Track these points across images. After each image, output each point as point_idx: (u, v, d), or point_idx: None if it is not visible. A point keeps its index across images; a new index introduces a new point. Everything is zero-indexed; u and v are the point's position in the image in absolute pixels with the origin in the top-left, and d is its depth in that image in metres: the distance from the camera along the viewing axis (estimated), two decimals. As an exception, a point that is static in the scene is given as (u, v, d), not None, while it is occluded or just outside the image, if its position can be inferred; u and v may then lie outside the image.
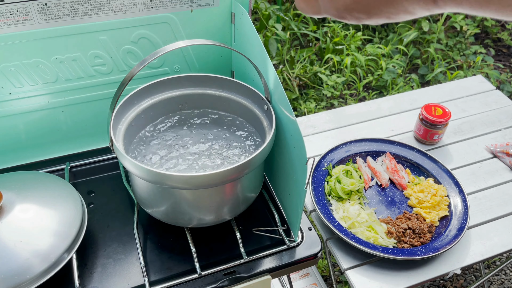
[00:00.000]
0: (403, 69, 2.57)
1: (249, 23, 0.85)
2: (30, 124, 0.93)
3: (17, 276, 0.68)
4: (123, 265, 0.80)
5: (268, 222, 0.88)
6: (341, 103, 2.38)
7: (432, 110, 1.32)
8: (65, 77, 0.89)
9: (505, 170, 1.28)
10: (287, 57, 2.51)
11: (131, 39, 0.90)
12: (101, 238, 0.84)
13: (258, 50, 0.82)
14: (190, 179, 0.69)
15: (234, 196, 0.80)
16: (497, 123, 1.44)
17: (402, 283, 1.01)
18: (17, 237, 0.71)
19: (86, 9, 0.83)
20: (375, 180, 1.23)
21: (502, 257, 1.73)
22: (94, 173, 0.97)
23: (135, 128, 0.86)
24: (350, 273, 1.03)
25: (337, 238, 1.09)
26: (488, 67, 2.57)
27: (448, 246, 1.04)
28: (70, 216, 0.77)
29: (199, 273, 0.78)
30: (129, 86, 0.84)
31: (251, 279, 0.79)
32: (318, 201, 1.13)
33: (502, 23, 2.93)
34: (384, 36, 2.85)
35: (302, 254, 0.82)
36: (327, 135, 1.38)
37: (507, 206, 1.18)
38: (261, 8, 2.54)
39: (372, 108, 1.48)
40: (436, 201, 1.14)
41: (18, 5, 0.78)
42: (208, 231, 0.85)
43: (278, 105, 0.79)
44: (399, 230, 1.08)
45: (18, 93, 0.88)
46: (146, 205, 0.81)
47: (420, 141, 1.36)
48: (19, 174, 0.86)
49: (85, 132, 0.99)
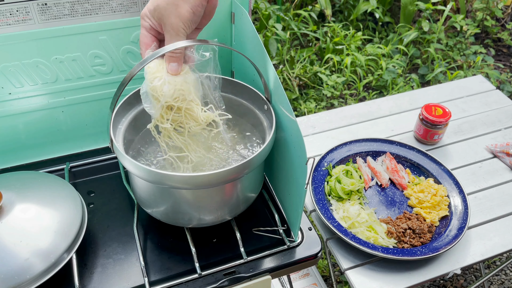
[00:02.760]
0: (403, 69, 2.57)
1: (249, 23, 0.85)
2: (30, 124, 0.93)
3: (17, 276, 0.68)
4: (123, 265, 0.80)
5: (268, 222, 0.88)
6: (341, 103, 2.38)
7: (432, 110, 1.32)
8: (65, 77, 0.89)
9: (505, 170, 1.28)
10: (287, 57, 2.51)
11: (131, 39, 0.90)
12: (101, 238, 0.84)
13: (258, 50, 0.81)
14: (190, 179, 0.69)
15: (234, 196, 0.79)
16: (497, 123, 1.44)
17: (402, 283, 1.01)
18: (17, 237, 0.71)
19: (86, 9, 0.83)
20: (375, 180, 1.23)
21: (502, 257, 1.73)
22: (94, 173, 0.96)
23: (135, 128, 0.86)
24: (350, 273, 1.03)
25: (337, 238, 1.09)
26: (488, 67, 2.57)
27: (448, 246, 1.04)
28: (70, 216, 0.77)
29: (199, 273, 0.78)
30: (129, 86, 0.83)
31: (251, 279, 0.79)
32: (318, 201, 1.13)
33: (502, 23, 2.93)
34: (384, 36, 2.85)
35: (302, 254, 0.82)
36: (327, 135, 1.38)
37: (507, 206, 1.18)
38: (261, 8, 2.54)
39: (372, 108, 1.48)
40: (436, 201, 1.14)
41: (18, 5, 0.78)
42: (208, 231, 0.85)
43: (278, 105, 0.79)
44: (399, 230, 1.08)
45: (18, 93, 0.88)
46: (146, 205, 0.81)
47: (420, 141, 1.36)
48: (19, 174, 0.86)
49: (85, 132, 0.99)
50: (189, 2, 0.69)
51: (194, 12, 0.70)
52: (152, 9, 0.70)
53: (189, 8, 0.69)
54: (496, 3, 2.76)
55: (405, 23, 2.75)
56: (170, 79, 0.72)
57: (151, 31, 0.73)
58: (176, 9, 0.68)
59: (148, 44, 0.73)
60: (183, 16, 0.69)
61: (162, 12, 0.69)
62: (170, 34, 0.70)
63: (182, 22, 0.69)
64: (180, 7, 0.69)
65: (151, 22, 0.72)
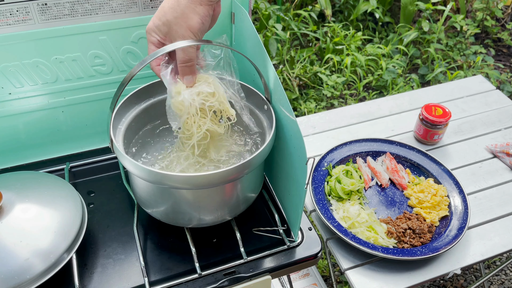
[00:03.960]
0: (403, 69, 2.57)
1: (249, 23, 0.85)
2: (30, 124, 0.93)
3: (17, 276, 0.68)
4: (123, 265, 0.80)
5: (268, 222, 0.88)
6: (341, 103, 2.38)
7: (432, 110, 1.32)
8: (65, 77, 0.89)
9: (505, 170, 1.28)
10: (287, 57, 2.51)
11: (131, 39, 0.90)
12: (101, 238, 0.84)
13: (258, 50, 0.82)
14: (190, 179, 0.69)
15: (234, 196, 0.79)
16: (497, 123, 1.44)
17: (402, 283, 1.01)
18: (17, 237, 0.71)
19: (86, 9, 0.83)
20: (375, 180, 1.23)
21: (502, 257, 1.73)
22: (94, 173, 0.96)
23: (135, 128, 0.86)
24: (350, 273, 1.03)
25: (337, 238, 1.09)
26: (488, 67, 2.57)
27: (448, 246, 1.04)
28: (70, 216, 0.77)
29: (199, 273, 0.78)
30: (129, 86, 0.84)
31: (251, 279, 0.79)
32: (318, 201, 1.13)
33: (502, 23, 2.93)
34: (384, 36, 2.85)
35: (302, 254, 0.82)
36: (327, 135, 1.38)
37: (507, 206, 1.18)
38: (261, 8, 2.54)
39: (372, 108, 1.48)
40: (436, 201, 1.14)
41: (18, 5, 0.78)
42: (208, 231, 0.85)
43: (278, 105, 0.79)
44: (399, 230, 1.08)
45: (18, 93, 0.88)
46: (146, 205, 0.81)
47: (420, 141, 1.36)
48: (19, 174, 0.86)
49: (85, 132, 0.99)
50: (198, 14, 0.69)
51: (204, 23, 0.71)
52: (161, 24, 0.70)
53: (199, 19, 0.70)
54: (496, 3, 2.76)
55: (405, 23, 2.75)
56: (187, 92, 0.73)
57: (159, 45, 0.73)
58: (186, 22, 0.69)
59: (158, 58, 0.73)
60: (193, 28, 0.70)
61: (171, 25, 0.70)
62: None
63: (192, 33, 0.70)
64: (190, 19, 0.69)
65: (158, 37, 0.72)
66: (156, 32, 0.72)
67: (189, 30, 0.70)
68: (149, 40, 0.74)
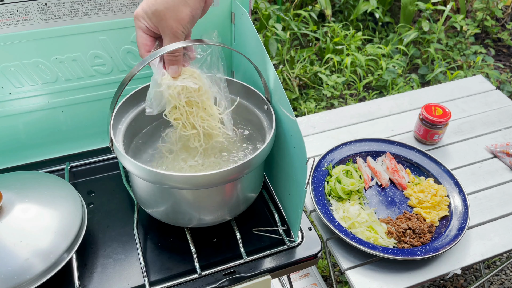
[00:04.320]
0: (403, 69, 2.57)
1: (249, 23, 0.85)
2: (30, 124, 0.93)
3: (17, 276, 0.68)
4: (123, 265, 0.80)
5: (268, 222, 0.88)
6: (341, 103, 2.38)
7: (432, 110, 1.32)
8: (65, 77, 0.89)
9: (505, 170, 1.28)
10: (287, 57, 2.51)
11: (131, 39, 0.90)
12: (101, 238, 0.84)
13: (258, 50, 0.82)
14: (190, 179, 0.69)
15: (234, 196, 0.79)
16: (497, 123, 1.44)
17: (402, 283, 1.01)
18: (17, 237, 0.71)
19: (86, 9, 0.83)
20: (375, 180, 1.23)
21: (502, 257, 1.73)
22: (94, 173, 0.96)
23: (135, 128, 0.86)
24: (350, 273, 1.03)
25: (337, 238, 1.09)
26: (488, 67, 2.57)
27: (448, 246, 1.04)
28: (70, 216, 0.77)
29: (199, 273, 0.78)
30: (129, 86, 0.83)
31: (251, 279, 0.79)
32: (318, 201, 1.13)
33: (502, 23, 2.93)
34: (384, 36, 2.85)
35: (302, 254, 0.82)
36: (327, 135, 1.38)
37: (507, 206, 1.18)
38: (261, 8, 2.54)
39: (372, 108, 1.48)
40: (436, 201, 1.14)
41: (18, 5, 0.78)
42: (208, 231, 0.85)
43: (278, 105, 0.79)
44: (399, 230, 1.08)
45: (18, 93, 0.88)
46: (146, 205, 0.81)
47: (420, 141, 1.36)
48: (19, 174, 0.86)
49: (85, 132, 0.99)
50: (188, 6, 0.69)
51: (194, 16, 0.70)
52: (150, 13, 0.70)
53: (189, 12, 0.69)
54: (496, 3, 2.76)
55: (405, 23, 2.75)
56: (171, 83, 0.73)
57: (148, 32, 0.73)
58: (176, 14, 0.69)
59: (147, 45, 0.73)
60: (183, 20, 0.69)
61: (161, 16, 0.69)
62: (170, 37, 0.70)
63: (181, 25, 0.70)
64: (180, 11, 0.69)
65: (147, 23, 0.71)
66: (145, 19, 0.71)
67: (178, 23, 0.69)
68: (137, 25, 0.72)
